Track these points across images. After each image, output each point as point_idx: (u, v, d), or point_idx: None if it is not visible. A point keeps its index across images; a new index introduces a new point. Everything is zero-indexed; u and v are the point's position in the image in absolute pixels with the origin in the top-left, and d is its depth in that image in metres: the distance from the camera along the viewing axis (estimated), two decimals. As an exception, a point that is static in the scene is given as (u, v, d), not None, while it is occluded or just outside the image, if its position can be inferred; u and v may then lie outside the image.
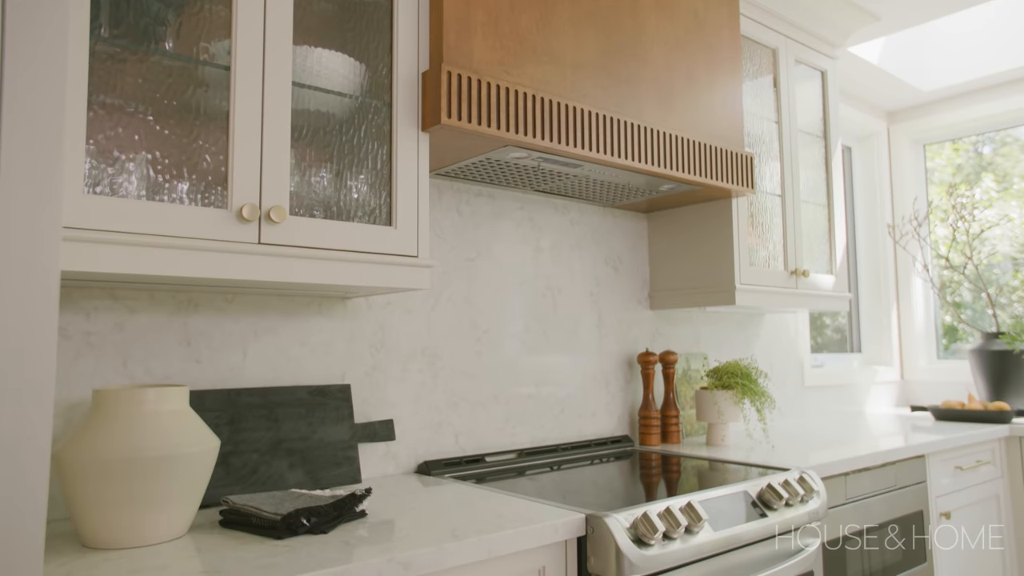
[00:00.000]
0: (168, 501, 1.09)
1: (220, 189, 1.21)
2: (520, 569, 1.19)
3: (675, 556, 1.31)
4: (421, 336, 1.80)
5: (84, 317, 1.33)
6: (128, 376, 1.37)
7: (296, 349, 1.59)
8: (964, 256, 3.24)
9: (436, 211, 1.86)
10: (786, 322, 2.92)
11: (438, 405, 1.81)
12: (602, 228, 2.26)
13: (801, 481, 1.66)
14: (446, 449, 1.82)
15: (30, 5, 0.71)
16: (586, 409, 2.15)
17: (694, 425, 2.38)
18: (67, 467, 1.06)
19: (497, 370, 1.94)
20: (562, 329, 2.12)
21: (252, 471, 1.43)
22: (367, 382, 1.69)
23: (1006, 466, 2.64)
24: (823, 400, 3.05)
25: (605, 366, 2.22)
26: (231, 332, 1.50)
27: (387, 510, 1.32)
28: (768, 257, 2.32)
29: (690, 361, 2.46)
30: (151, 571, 0.96)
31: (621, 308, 2.29)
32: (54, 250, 0.72)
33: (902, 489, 2.12)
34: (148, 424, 1.10)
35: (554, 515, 1.26)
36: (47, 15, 0.72)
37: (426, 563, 1.06)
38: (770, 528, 1.52)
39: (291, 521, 1.13)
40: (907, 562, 2.10)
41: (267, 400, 1.50)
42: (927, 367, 3.50)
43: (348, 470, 1.56)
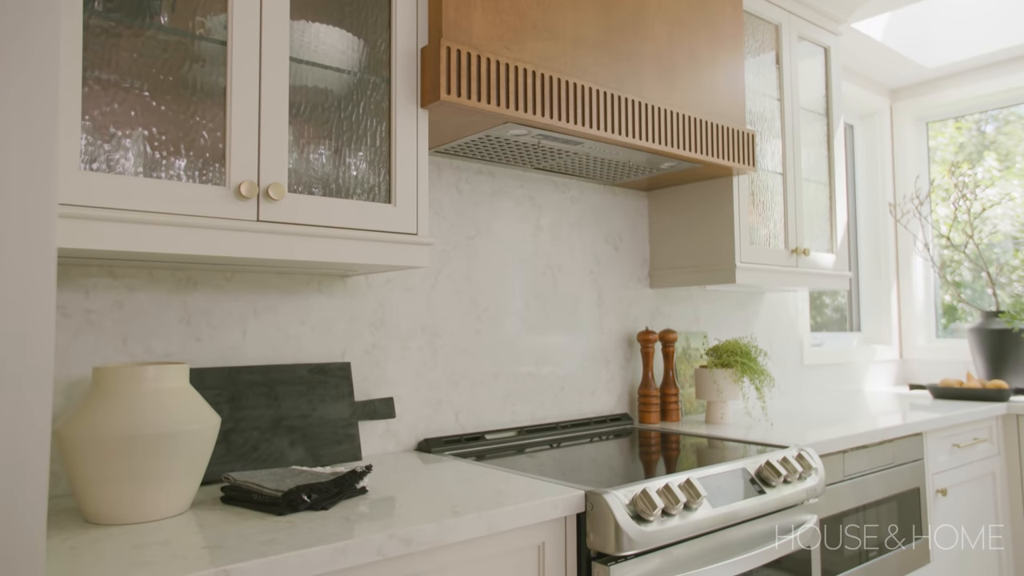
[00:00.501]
0: (169, 477, 1.09)
1: (218, 166, 1.20)
2: (520, 545, 1.20)
3: (674, 532, 1.32)
4: (421, 314, 1.80)
5: (83, 295, 1.32)
6: (128, 354, 1.37)
7: (296, 327, 1.59)
8: (965, 235, 3.23)
9: (435, 189, 1.85)
10: (786, 301, 2.92)
11: (438, 383, 1.82)
12: (602, 206, 2.25)
13: (799, 458, 1.67)
14: (446, 427, 1.82)
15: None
16: (586, 387, 2.15)
17: (693, 403, 2.39)
18: (68, 444, 1.06)
19: (497, 348, 1.95)
20: (562, 307, 2.12)
21: (253, 448, 1.43)
22: (367, 360, 1.70)
23: (1003, 443, 2.66)
24: (822, 379, 3.06)
25: (605, 344, 2.22)
26: (230, 310, 1.50)
27: (388, 487, 1.33)
28: (769, 235, 2.31)
29: (690, 340, 2.46)
30: (153, 546, 0.96)
31: (621, 286, 2.29)
32: (50, 227, 0.72)
33: (899, 466, 2.14)
34: (148, 401, 1.10)
35: (554, 492, 1.27)
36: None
37: (427, 539, 1.06)
38: (768, 505, 1.53)
39: (292, 497, 1.13)
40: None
41: (267, 378, 1.50)
42: (926, 346, 3.50)
43: (348, 447, 1.57)
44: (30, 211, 0.70)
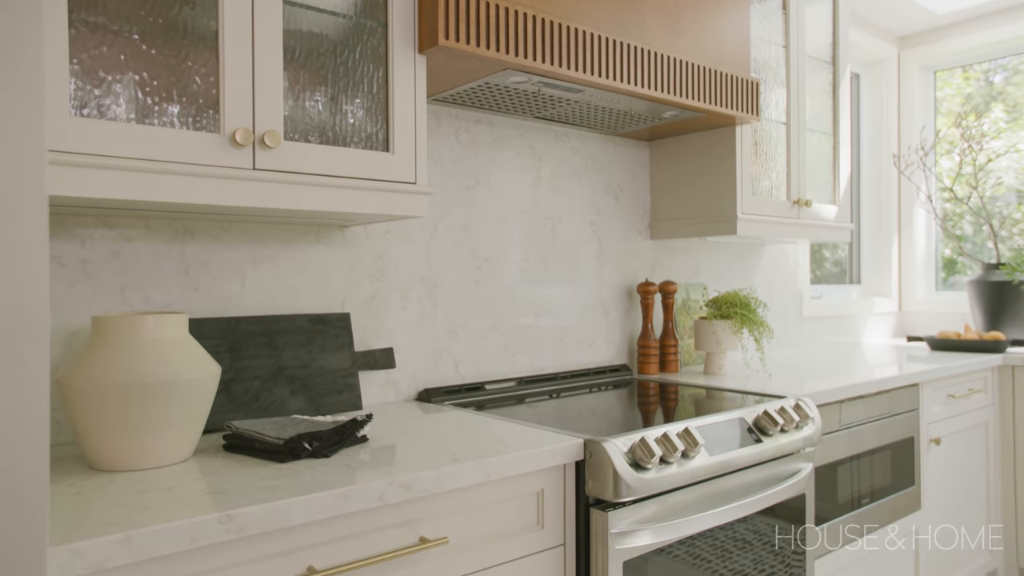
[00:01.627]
0: (170, 426, 1.10)
1: (212, 113, 1.18)
2: (519, 492, 1.22)
3: (671, 479, 1.34)
4: (420, 265, 1.79)
5: (79, 245, 1.31)
6: (126, 304, 1.36)
7: (294, 278, 1.59)
8: (969, 186, 3.20)
9: (434, 138, 1.82)
10: (786, 253, 2.91)
11: (438, 333, 1.82)
12: (603, 156, 2.22)
13: (797, 408, 1.68)
14: (446, 377, 1.83)
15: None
16: (585, 338, 2.16)
17: (692, 355, 2.41)
18: (69, 392, 1.07)
19: (497, 299, 1.95)
20: (562, 259, 2.11)
21: (254, 398, 1.44)
22: (366, 311, 1.70)
23: (997, 394, 2.68)
24: (821, 331, 3.08)
25: (604, 296, 2.22)
26: (229, 261, 1.49)
27: (388, 435, 1.34)
28: (771, 187, 2.29)
29: (689, 291, 2.46)
30: (157, 492, 0.98)
31: (621, 238, 2.28)
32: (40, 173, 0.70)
33: (895, 416, 2.16)
34: (148, 351, 1.10)
35: (553, 440, 1.28)
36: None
37: (427, 486, 1.08)
38: (764, 453, 1.55)
39: (293, 445, 1.15)
40: (896, 485, 2.16)
41: (267, 328, 1.50)
42: (925, 299, 3.51)
43: (349, 397, 1.58)
44: (19, 156, 0.69)
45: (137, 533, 0.82)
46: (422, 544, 1.08)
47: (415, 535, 1.10)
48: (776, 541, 1.61)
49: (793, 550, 1.65)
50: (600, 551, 1.27)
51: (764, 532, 1.58)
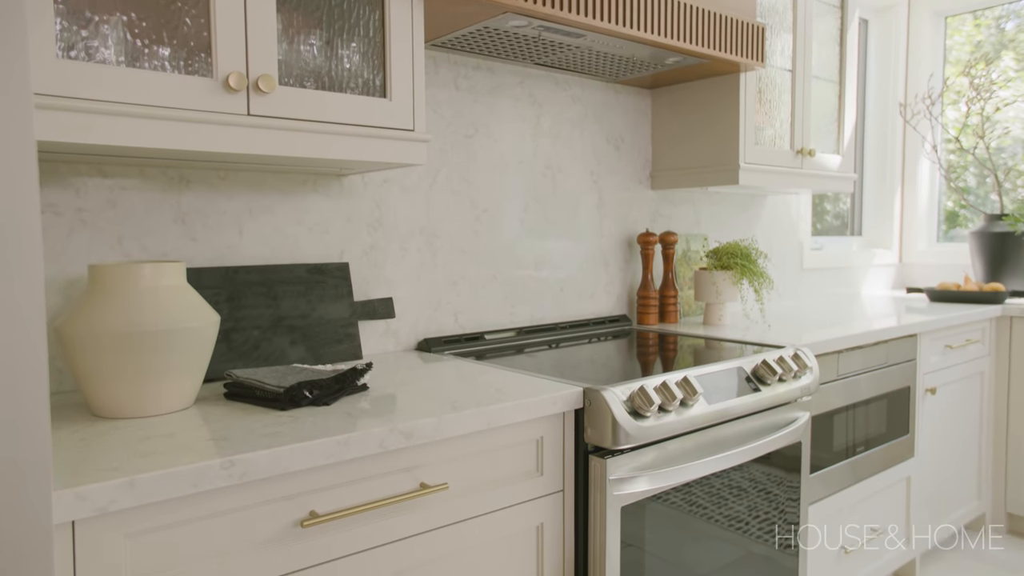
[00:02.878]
0: (170, 374, 1.10)
1: (204, 56, 1.14)
2: (519, 439, 1.23)
3: (669, 427, 1.36)
4: (419, 215, 1.78)
5: (74, 193, 1.30)
6: (123, 253, 1.35)
7: (292, 227, 1.57)
8: (976, 136, 3.16)
9: (433, 86, 1.78)
10: (788, 204, 2.89)
11: (437, 284, 1.82)
12: (604, 105, 2.18)
13: (795, 358, 1.69)
14: (446, 327, 1.84)
15: None
16: (585, 289, 2.16)
17: (692, 305, 2.41)
18: (68, 341, 1.06)
19: (496, 250, 1.94)
20: (562, 209, 2.09)
21: (254, 347, 1.45)
22: (365, 261, 1.69)
23: (994, 344, 2.70)
24: (821, 282, 3.07)
25: (605, 247, 2.21)
26: (225, 210, 1.48)
27: (388, 384, 1.35)
28: (774, 136, 2.25)
29: (690, 242, 2.45)
30: (159, 438, 0.99)
31: (622, 188, 2.25)
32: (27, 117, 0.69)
33: (892, 367, 2.17)
34: (146, 299, 1.09)
35: (552, 388, 1.29)
36: None
37: (427, 433, 1.09)
38: (763, 402, 1.56)
39: (294, 393, 1.15)
40: (890, 434, 2.19)
41: (265, 278, 1.50)
42: (926, 250, 3.50)
43: (349, 347, 1.59)
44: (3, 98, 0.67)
45: (140, 478, 0.83)
46: (423, 490, 1.09)
47: (416, 481, 1.11)
48: (771, 488, 1.64)
49: (788, 497, 1.68)
50: (598, 497, 1.29)
51: (759, 480, 1.60)
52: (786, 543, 1.69)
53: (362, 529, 1.05)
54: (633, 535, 1.33)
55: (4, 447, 0.67)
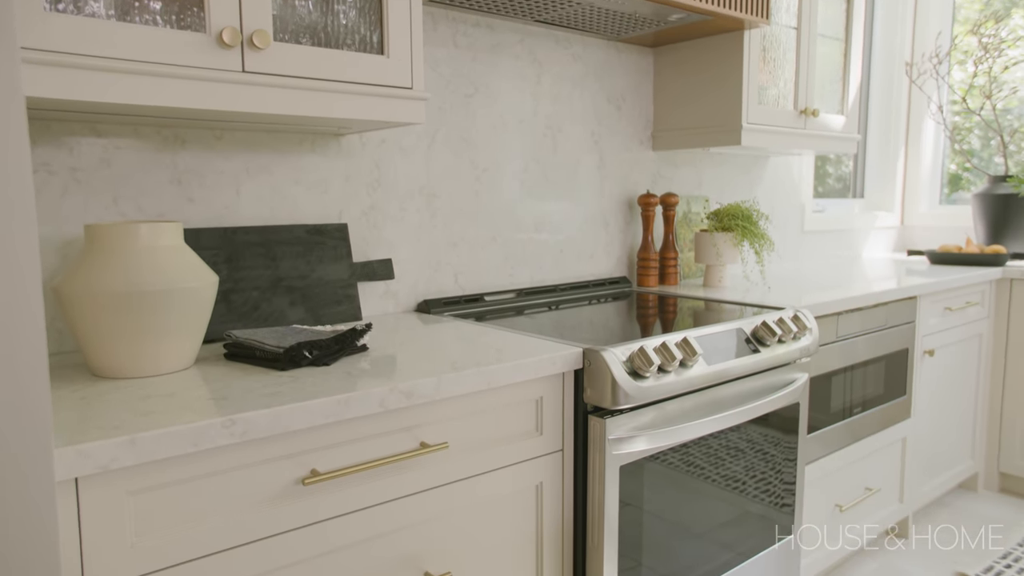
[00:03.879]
0: (169, 334, 1.10)
1: (196, 11, 1.12)
2: (519, 399, 1.24)
3: (668, 388, 1.36)
4: (418, 175, 1.76)
5: (67, 152, 1.28)
6: (120, 213, 1.34)
7: (290, 188, 1.56)
8: (983, 95, 3.11)
9: (431, 43, 1.75)
10: (790, 165, 2.86)
11: (437, 245, 1.81)
12: (606, 64, 2.15)
13: (795, 319, 1.69)
14: (445, 288, 1.83)
15: None
16: (585, 251, 2.15)
17: (692, 267, 2.40)
18: (67, 300, 1.06)
19: (496, 210, 1.92)
20: (562, 170, 2.07)
21: (253, 308, 1.44)
22: (364, 221, 1.68)
23: (994, 306, 2.70)
24: (822, 245, 3.06)
25: (605, 208, 2.19)
26: (222, 170, 1.46)
27: (388, 345, 1.35)
28: (778, 96, 2.22)
29: (691, 204, 2.43)
30: (160, 398, 0.99)
31: (623, 149, 2.23)
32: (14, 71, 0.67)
33: (891, 328, 2.18)
34: (144, 259, 1.09)
35: (552, 349, 1.29)
36: None
37: (427, 393, 1.09)
38: (762, 363, 1.57)
39: (294, 353, 1.15)
40: (888, 395, 2.20)
41: (264, 239, 1.49)
42: (928, 212, 3.48)
43: (348, 308, 1.58)
44: (-8, 49, 0.65)
45: (141, 436, 0.84)
46: (423, 449, 1.10)
47: (416, 440, 1.12)
48: (768, 449, 1.65)
49: (785, 457, 1.70)
50: (597, 456, 1.30)
51: (756, 440, 1.62)
52: (782, 502, 1.71)
53: (363, 487, 1.06)
54: (631, 494, 1.35)
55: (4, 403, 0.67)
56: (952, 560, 2.27)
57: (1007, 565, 2.22)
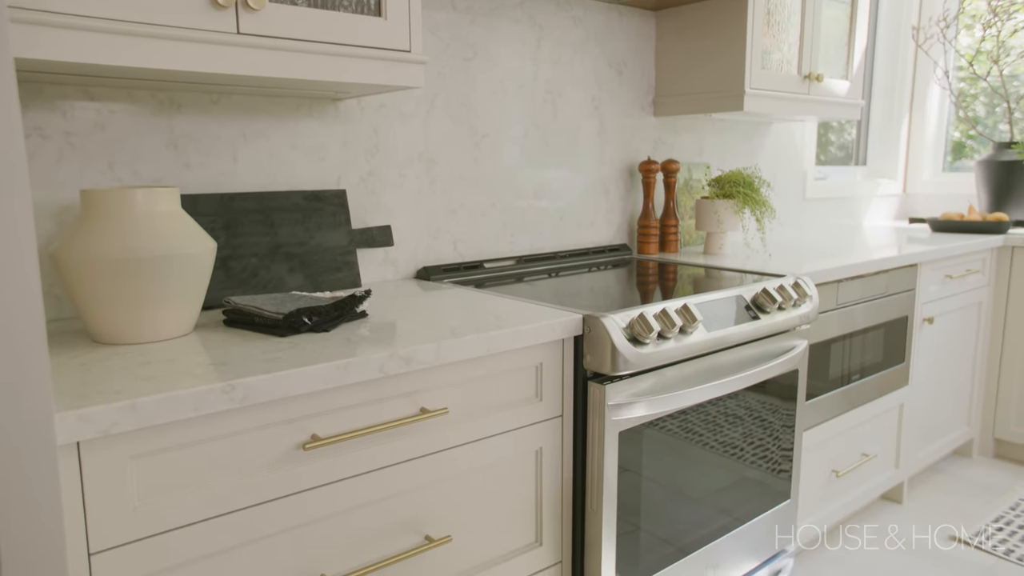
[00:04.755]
0: (167, 300, 1.10)
1: (188, -30, 1.09)
2: (518, 365, 1.24)
3: (668, 354, 1.36)
4: (417, 141, 1.74)
5: (61, 116, 1.26)
6: (115, 179, 1.33)
7: (288, 153, 1.54)
8: (991, 60, 3.07)
9: (429, 6, 1.72)
10: (792, 132, 2.83)
11: (436, 212, 1.80)
12: (607, 28, 2.11)
13: (795, 286, 1.69)
14: (445, 255, 1.83)
15: None
16: (585, 218, 2.14)
17: (693, 235, 2.39)
18: (64, 266, 1.06)
19: (496, 177, 1.90)
20: (562, 136, 2.05)
21: (252, 275, 1.44)
22: (363, 188, 1.66)
23: (994, 274, 2.70)
24: (823, 213, 3.05)
25: (605, 175, 2.17)
26: (219, 135, 1.44)
27: (387, 312, 1.35)
28: (782, 60, 2.18)
29: (692, 171, 2.41)
30: (160, 363, 0.99)
31: (624, 115, 2.20)
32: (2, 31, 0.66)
33: (891, 296, 2.18)
34: (140, 225, 1.08)
35: (552, 315, 1.29)
36: None
37: (427, 358, 1.09)
38: (761, 330, 1.57)
39: (293, 320, 1.15)
40: (886, 362, 2.21)
41: (262, 205, 1.47)
42: (931, 180, 3.45)
43: (347, 275, 1.58)
44: (-20, 7, 0.64)
45: (142, 401, 0.84)
46: (423, 414, 1.10)
47: (416, 406, 1.12)
48: (766, 416, 1.66)
49: (782, 424, 1.71)
50: (597, 422, 1.31)
51: (754, 408, 1.63)
52: (779, 468, 1.73)
53: (363, 452, 1.06)
54: (630, 460, 1.36)
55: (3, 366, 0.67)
56: (946, 524, 2.30)
57: (998, 528, 2.25)
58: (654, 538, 1.44)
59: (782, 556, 1.80)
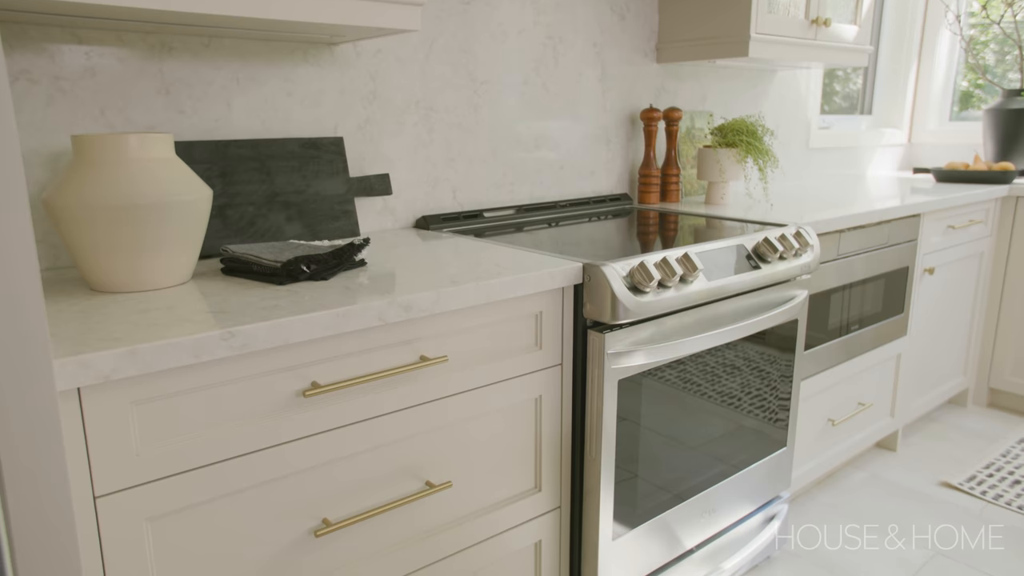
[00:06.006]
0: (164, 248, 1.09)
1: (175, -97, 1.05)
2: (518, 313, 1.24)
3: (668, 303, 1.36)
4: (415, 87, 1.70)
5: (49, 60, 1.23)
6: (107, 125, 1.30)
7: (283, 99, 1.51)
8: (1004, 3, 2.99)
9: (425, -57, 1.66)
10: (797, 80, 2.78)
11: (435, 160, 1.77)
12: (610, -32, 2.05)
13: (797, 236, 1.68)
14: (444, 205, 1.81)
15: None
16: (585, 167, 2.11)
17: (694, 184, 2.37)
18: (58, 213, 1.04)
19: (495, 125, 1.87)
20: (563, 83, 2.00)
21: (249, 223, 1.43)
22: (360, 136, 1.63)
23: (997, 224, 2.68)
24: (827, 162, 3.01)
25: (606, 123, 2.14)
26: (212, 80, 1.41)
27: (386, 261, 1.34)
28: (788, 4, 2.13)
29: (695, 119, 2.37)
30: (159, 311, 0.99)
31: (626, 61, 2.15)
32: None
33: (892, 247, 2.17)
34: (135, 172, 1.06)
35: (552, 264, 1.28)
36: None
37: (426, 306, 1.09)
38: (762, 279, 1.56)
39: (291, 268, 1.14)
40: (885, 313, 2.21)
41: (258, 152, 1.45)
42: (937, 129, 3.40)
43: (346, 223, 1.57)
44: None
45: (142, 347, 0.84)
46: (422, 362, 1.11)
47: (415, 354, 1.12)
48: (764, 366, 1.67)
49: (780, 374, 1.72)
50: (596, 370, 1.31)
51: (753, 358, 1.63)
52: (776, 417, 1.75)
53: (363, 399, 1.07)
54: (629, 409, 1.37)
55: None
56: (937, 470, 2.34)
57: (989, 474, 2.29)
58: (651, 485, 1.46)
59: (777, 502, 1.83)
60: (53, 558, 0.73)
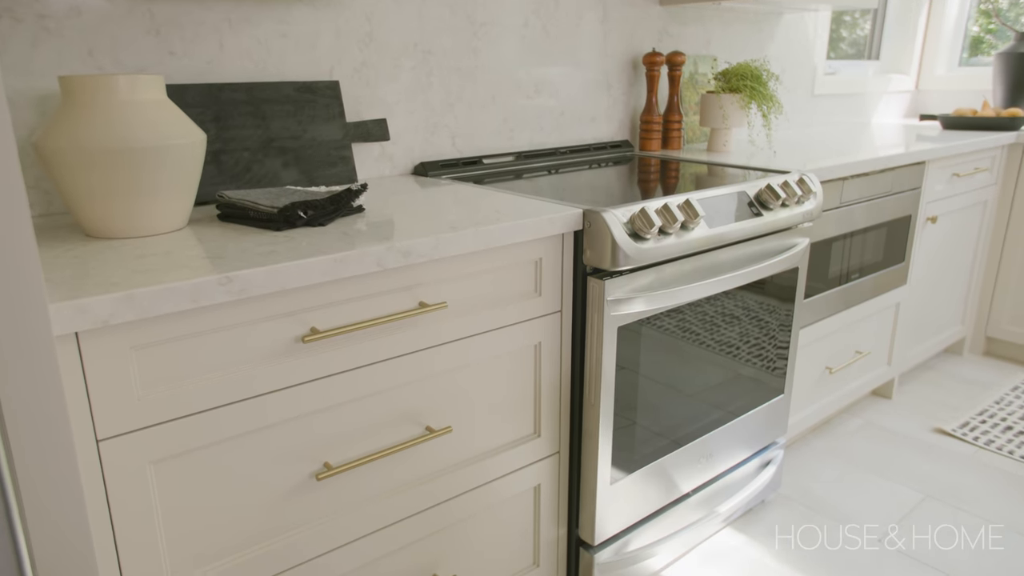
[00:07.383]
0: (158, 192, 1.07)
1: None
2: (517, 260, 1.23)
3: (669, 250, 1.35)
4: (412, 29, 1.66)
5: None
6: (96, 66, 1.27)
7: (277, 41, 1.47)
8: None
9: None
10: (804, 23, 2.71)
11: (433, 105, 1.74)
12: (613, -97, 1.97)
13: (800, 183, 1.65)
14: (443, 151, 1.78)
15: None
16: (586, 114, 2.07)
17: (696, 132, 2.33)
18: (49, 156, 1.02)
19: (495, 69, 1.83)
20: (563, 25, 1.95)
21: (245, 169, 1.40)
22: (357, 79, 1.60)
23: (1002, 172, 2.65)
24: (832, 109, 2.96)
25: (608, 68, 2.09)
26: (203, 21, 1.37)
27: (385, 207, 1.32)
28: (798, -59, 2.06)
29: (698, 64, 2.32)
30: (155, 256, 0.98)
31: (628, 3, 2.09)
32: None
33: (896, 195, 2.15)
34: (128, 114, 1.04)
35: (552, 210, 1.27)
36: None
37: (425, 252, 1.08)
38: (764, 226, 1.55)
39: (288, 214, 1.13)
40: (886, 261, 2.20)
41: (252, 96, 1.42)
42: (945, 75, 3.33)
43: (343, 170, 1.54)
44: None
45: (139, 292, 0.83)
46: (421, 308, 1.10)
47: (415, 300, 1.12)
48: (763, 315, 1.67)
49: (779, 323, 1.72)
50: (596, 317, 1.31)
51: (751, 307, 1.63)
52: (774, 365, 1.75)
53: (363, 345, 1.07)
54: (627, 358, 1.37)
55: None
56: (932, 417, 2.37)
57: (982, 421, 2.32)
58: (649, 431, 1.48)
59: (773, 447, 1.86)
60: (59, 500, 0.74)
